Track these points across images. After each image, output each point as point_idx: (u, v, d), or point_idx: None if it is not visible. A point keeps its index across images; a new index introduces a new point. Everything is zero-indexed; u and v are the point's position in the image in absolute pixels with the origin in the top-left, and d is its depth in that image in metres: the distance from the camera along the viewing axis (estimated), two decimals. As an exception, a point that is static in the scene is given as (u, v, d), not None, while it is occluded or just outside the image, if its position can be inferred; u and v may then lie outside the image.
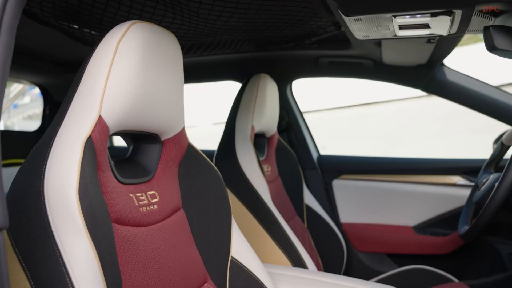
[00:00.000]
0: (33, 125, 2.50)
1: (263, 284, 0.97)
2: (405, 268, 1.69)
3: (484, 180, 1.37)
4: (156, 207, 0.83)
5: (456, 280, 1.61)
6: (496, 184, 1.19)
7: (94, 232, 0.65)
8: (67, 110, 0.72)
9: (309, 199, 1.79)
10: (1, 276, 0.44)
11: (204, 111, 9.35)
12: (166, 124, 0.85)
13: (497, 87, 1.62)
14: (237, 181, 1.40)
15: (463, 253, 1.73)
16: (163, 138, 0.89)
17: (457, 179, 1.76)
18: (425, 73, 1.64)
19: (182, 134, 0.91)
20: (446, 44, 1.31)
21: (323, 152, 2.04)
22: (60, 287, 0.60)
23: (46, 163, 0.66)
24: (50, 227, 0.62)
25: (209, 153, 1.17)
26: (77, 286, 0.60)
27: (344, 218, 1.91)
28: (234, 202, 1.39)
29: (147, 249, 0.77)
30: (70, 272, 0.60)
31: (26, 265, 0.62)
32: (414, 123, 7.70)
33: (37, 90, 2.17)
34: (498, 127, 1.64)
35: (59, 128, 0.70)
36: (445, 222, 1.77)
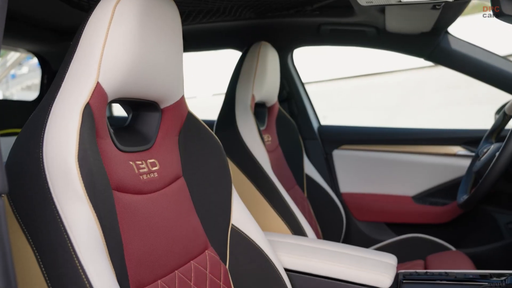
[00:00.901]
0: (32, 95, 2.49)
1: (263, 251, 0.99)
2: (404, 236, 1.71)
3: (485, 150, 1.37)
4: (156, 175, 0.83)
5: (453, 249, 1.63)
6: (497, 153, 1.19)
7: (94, 199, 0.65)
8: (64, 77, 0.71)
9: (309, 168, 1.80)
10: (2, 242, 0.44)
11: (204, 82, 9.27)
12: (165, 92, 0.84)
13: (504, 57, 1.59)
14: (238, 151, 1.39)
15: (461, 222, 1.75)
16: (162, 106, 0.88)
17: (458, 149, 1.76)
18: (429, 41, 1.61)
19: (181, 102, 0.90)
20: (451, 10, 1.28)
21: (323, 122, 2.03)
22: (62, 253, 0.60)
23: (44, 131, 0.66)
24: (50, 193, 0.62)
25: (209, 123, 1.16)
26: (79, 252, 0.60)
27: (344, 187, 1.92)
28: (234, 171, 1.39)
29: (148, 217, 0.78)
30: (71, 238, 0.61)
31: (28, 232, 0.62)
32: (416, 94, 7.65)
33: (35, 60, 2.14)
34: (500, 98, 1.63)
35: (56, 95, 0.69)
36: (445, 192, 1.78)
